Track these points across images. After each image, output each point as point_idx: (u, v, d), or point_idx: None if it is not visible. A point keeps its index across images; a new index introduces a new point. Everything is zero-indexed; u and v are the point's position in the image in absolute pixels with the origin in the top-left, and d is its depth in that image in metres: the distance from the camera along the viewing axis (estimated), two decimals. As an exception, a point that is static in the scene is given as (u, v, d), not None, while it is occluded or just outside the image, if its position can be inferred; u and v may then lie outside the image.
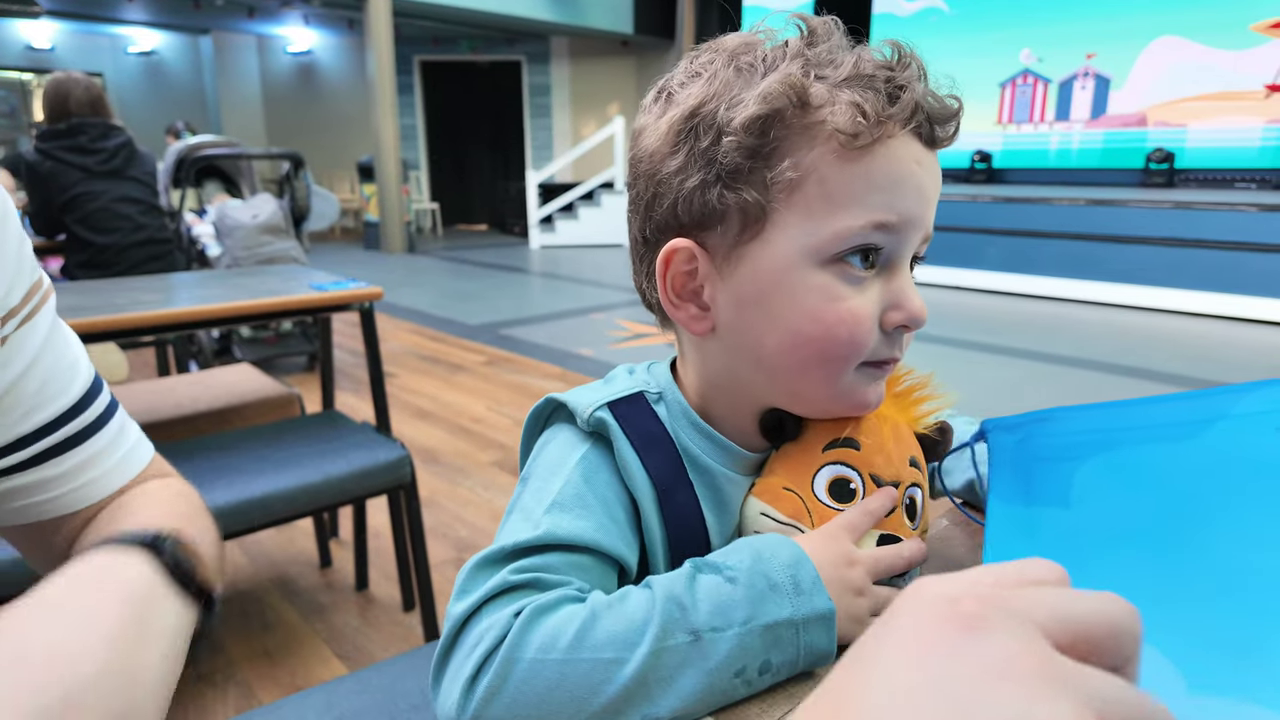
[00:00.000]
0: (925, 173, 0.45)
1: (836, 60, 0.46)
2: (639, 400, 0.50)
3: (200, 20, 9.90)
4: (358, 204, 9.86)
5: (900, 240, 0.45)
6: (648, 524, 0.47)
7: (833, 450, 0.49)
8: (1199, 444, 0.45)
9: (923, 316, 0.46)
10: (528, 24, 9.22)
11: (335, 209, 3.95)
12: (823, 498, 0.48)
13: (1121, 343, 4.36)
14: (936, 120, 0.46)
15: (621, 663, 0.38)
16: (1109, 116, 6.86)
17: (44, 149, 2.50)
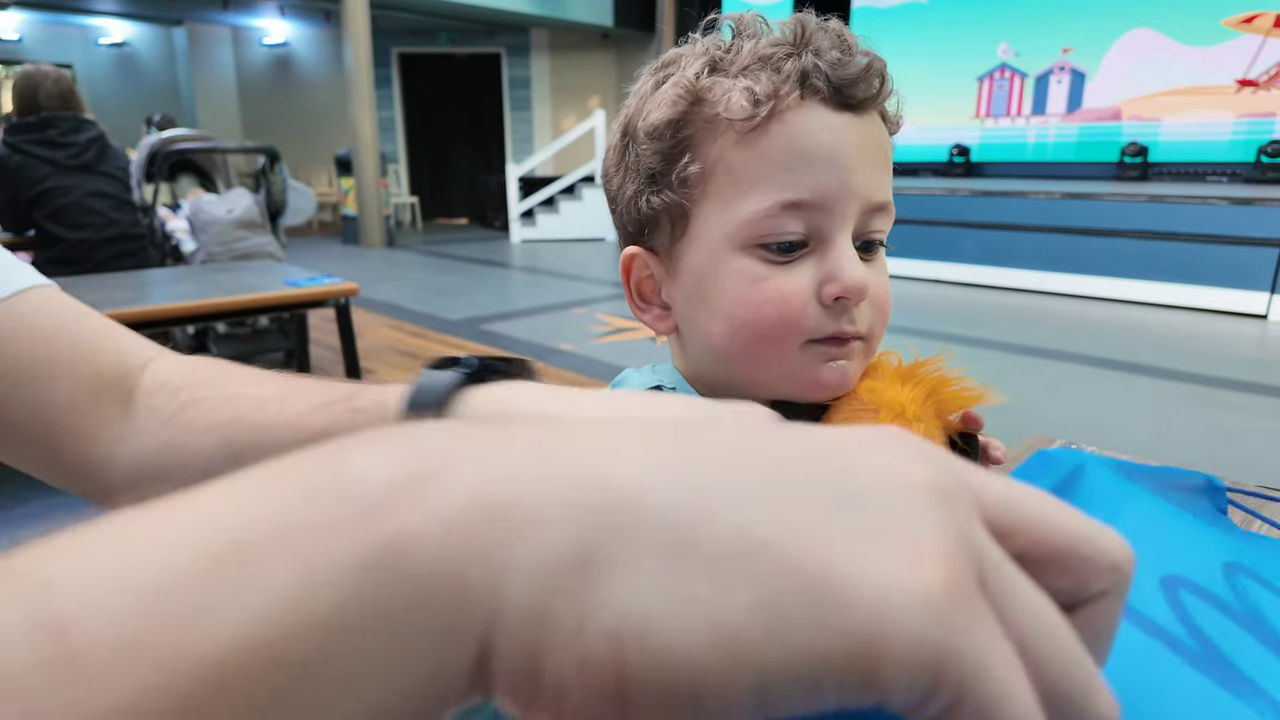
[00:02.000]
0: (841, 139, 0.44)
1: (735, 49, 0.46)
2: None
3: (173, 11, 9.74)
4: (335, 198, 9.76)
5: (825, 214, 0.44)
6: None
7: None
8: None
9: (859, 287, 0.44)
10: (507, 16, 9.15)
11: (312, 204, 3.91)
12: None
13: (1097, 335, 4.42)
14: (842, 82, 0.44)
15: None
16: (1084, 110, 6.93)
17: (12, 142, 2.45)
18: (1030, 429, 0.86)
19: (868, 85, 0.44)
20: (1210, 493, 0.46)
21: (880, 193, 0.46)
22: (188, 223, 3.35)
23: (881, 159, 0.46)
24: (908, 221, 6.37)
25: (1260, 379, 3.51)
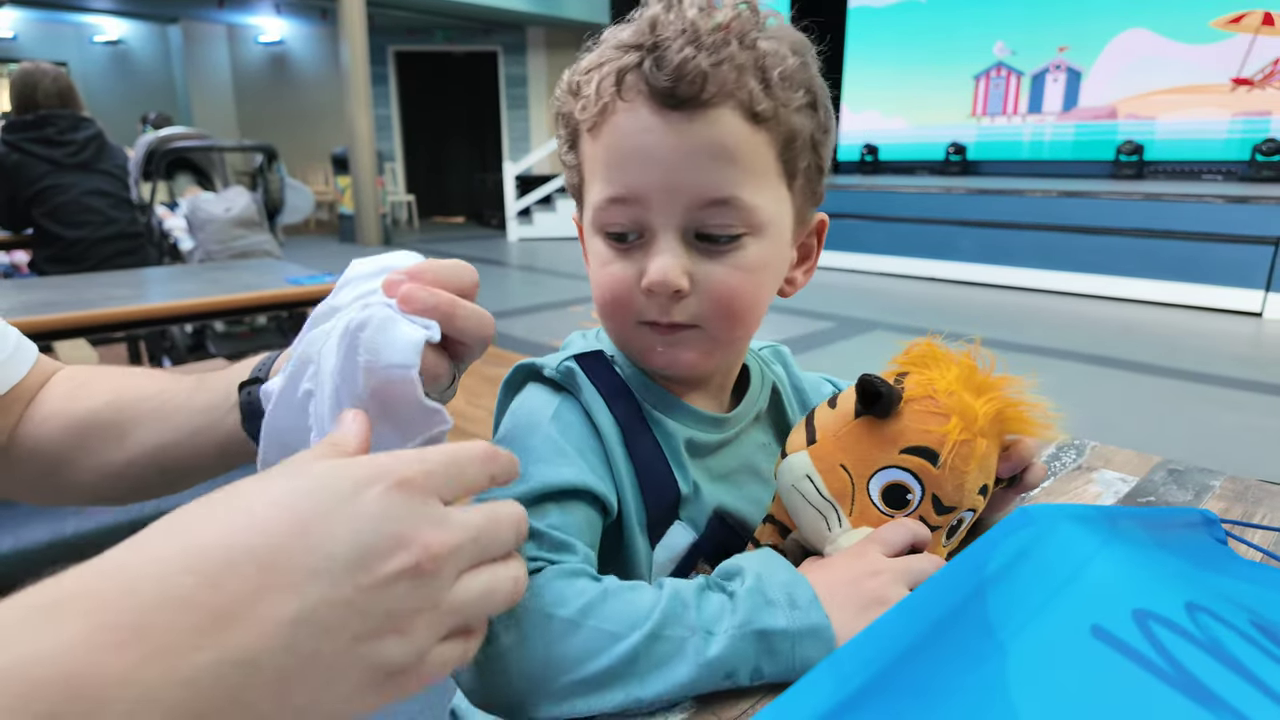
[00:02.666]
0: (659, 139, 0.45)
1: (597, 44, 0.50)
2: (601, 356, 0.54)
3: (169, 9, 9.72)
4: (332, 196, 9.75)
5: (643, 210, 0.47)
6: (616, 466, 0.50)
7: (910, 456, 0.45)
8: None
9: (660, 282, 0.46)
10: (503, 14, 9.15)
11: (310, 202, 3.91)
12: (874, 497, 0.46)
13: (1092, 332, 4.44)
14: (660, 84, 0.44)
15: (620, 638, 0.39)
16: (1080, 109, 6.96)
17: (10, 140, 2.45)
18: (1023, 422, 0.87)
19: (694, 85, 0.44)
20: (1208, 526, 0.50)
21: (712, 189, 0.46)
22: (185, 221, 3.35)
23: (714, 155, 0.45)
24: (904, 220, 6.38)
25: (1255, 376, 3.53)
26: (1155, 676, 0.28)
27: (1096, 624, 0.30)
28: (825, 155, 0.52)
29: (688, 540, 0.52)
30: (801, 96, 0.48)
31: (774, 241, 0.50)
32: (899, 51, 8.08)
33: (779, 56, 0.46)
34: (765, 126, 0.46)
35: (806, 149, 0.50)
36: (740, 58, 0.45)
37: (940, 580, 0.31)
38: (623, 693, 0.39)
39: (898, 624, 0.30)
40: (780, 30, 0.49)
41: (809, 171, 0.51)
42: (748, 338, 0.54)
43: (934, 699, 0.27)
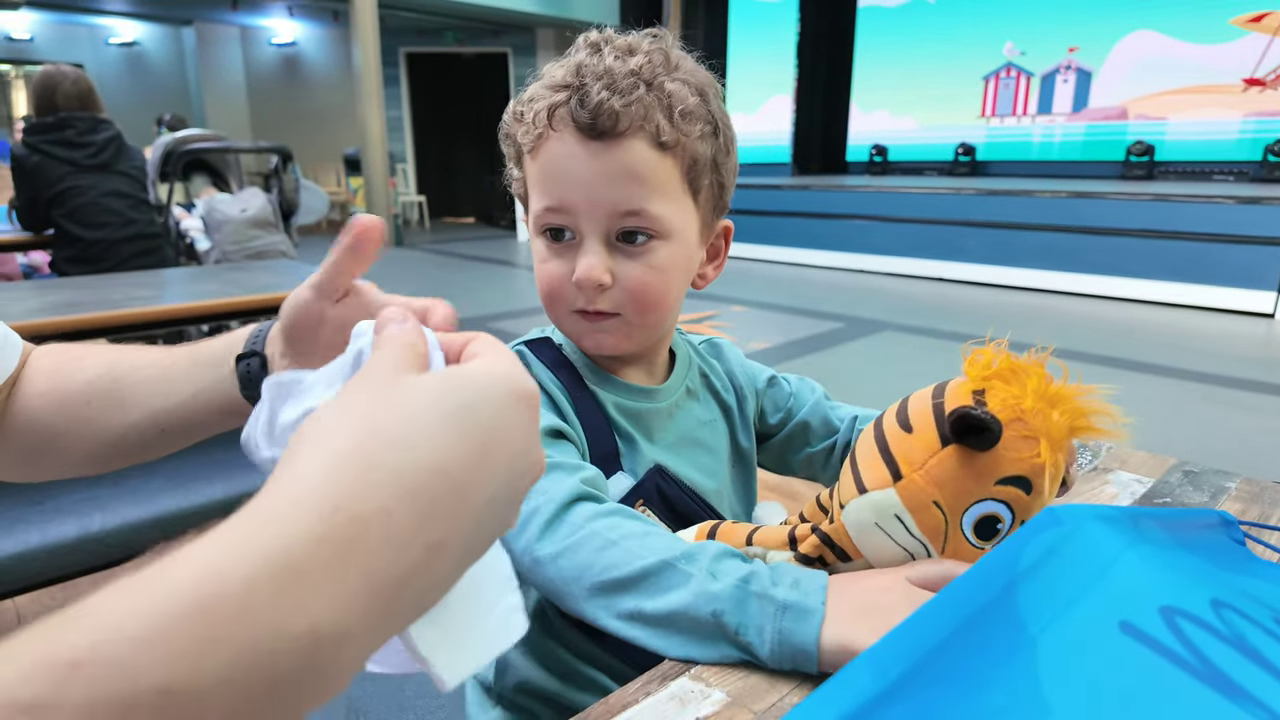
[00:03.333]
0: (582, 164, 0.56)
1: (538, 80, 0.60)
2: (547, 340, 0.67)
3: (182, 11, 9.79)
4: (344, 197, 9.80)
5: (571, 218, 0.58)
6: (569, 420, 0.61)
7: (1006, 486, 0.43)
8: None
9: (585, 278, 0.57)
10: (513, 15, 9.18)
11: (324, 203, 3.94)
12: (968, 532, 0.44)
13: (1102, 333, 4.43)
14: (584, 119, 0.55)
15: (640, 558, 0.48)
16: (1090, 110, 6.94)
17: (31, 142, 2.48)
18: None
19: (609, 121, 0.54)
20: (1226, 527, 0.51)
21: (625, 203, 0.57)
22: (202, 222, 3.39)
23: (628, 176, 0.56)
24: (913, 220, 6.38)
25: (1267, 377, 3.52)
26: (1183, 670, 0.29)
27: (1125, 620, 0.31)
28: (726, 173, 0.63)
29: (627, 485, 0.62)
30: (701, 128, 0.58)
31: (681, 245, 0.60)
32: (908, 52, 8.07)
33: (681, 96, 0.57)
34: (670, 153, 0.57)
35: (708, 170, 0.60)
36: (647, 99, 0.55)
37: (973, 576, 0.33)
38: (631, 601, 0.47)
39: (933, 618, 0.31)
40: (688, 73, 0.59)
41: (711, 188, 0.62)
42: (661, 323, 0.63)
43: (969, 690, 0.29)
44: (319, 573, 0.23)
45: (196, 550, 0.22)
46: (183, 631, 0.20)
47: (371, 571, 0.24)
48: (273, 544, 0.22)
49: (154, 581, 0.21)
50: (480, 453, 0.28)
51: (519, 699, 0.66)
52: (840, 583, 0.46)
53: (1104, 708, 0.28)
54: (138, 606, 0.20)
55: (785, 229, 7.08)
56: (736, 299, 5.37)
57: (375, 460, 0.25)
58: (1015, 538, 0.34)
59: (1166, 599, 0.32)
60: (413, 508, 0.25)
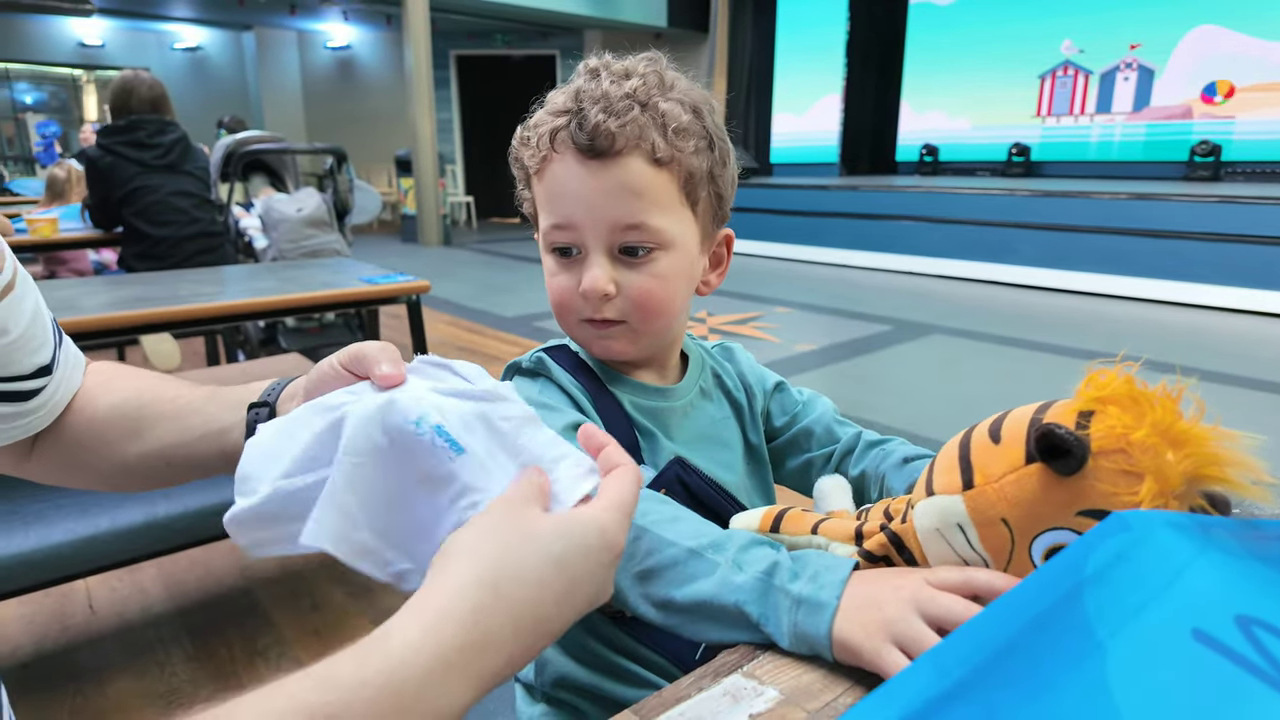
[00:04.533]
0: (583, 182, 0.59)
1: (542, 106, 0.64)
2: (565, 348, 0.70)
3: (244, 16, 10.10)
4: (395, 197, 9.99)
5: (576, 234, 0.61)
6: (591, 419, 0.64)
7: (1088, 519, 0.39)
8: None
9: (591, 289, 0.60)
10: (562, 18, 9.25)
11: (377, 203, 4.03)
12: (1035, 558, 0.41)
13: (1160, 339, 4.29)
14: (583, 141, 0.58)
15: (671, 545, 0.51)
16: (1152, 108, 6.72)
17: (105, 144, 2.60)
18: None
19: (606, 141, 0.58)
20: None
21: (626, 217, 0.59)
22: (260, 220, 3.49)
23: (627, 192, 0.59)
24: (963, 222, 6.25)
25: (1339, 388, 3.37)
26: (1260, 680, 0.28)
27: (1197, 627, 0.30)
28: (724, 185, 0.65)
29: (648, 477, 0.65)
30: (695, 143, 0.61)
31: (681, 254, 0.63)
32: (961, 50, 7.91)
33: (674, 115, 0.59)
34: (666, 168, 0.60)
35: (704, 182, 0.63)
36: (641, 119, 0.58)
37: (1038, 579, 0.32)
38: (661, 588, 0.50)
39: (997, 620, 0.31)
40: (682, 92, 0.62)
41: (709, 199, 0.65)
42: (667, 328, 0.66)
43: (1034, 694, 0.28)
44: (461, 669, 0.34)
45: (392, 641, 0.33)
46: (387, 703, 0.31)
47: (486, 670, 0.35)
48: (437, 647, 0.33)
49: (367, 660, 0.32)
50: (567, 592, 0.39)
51: (559, 694, 0.69)
52: (863, 578, 0.46)
53: (1177, 715, 0.27)
54: (364, 679, 0.31)
55: (832, 230, 7.00)
56: (781, 300, 5.33)
57: (502, 590, 0.36)
58: (1081, 542, 0.33)
59: (1242, 608, 0.31)
60: (517, 628, 0.36)
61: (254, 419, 0.56)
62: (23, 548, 1.22)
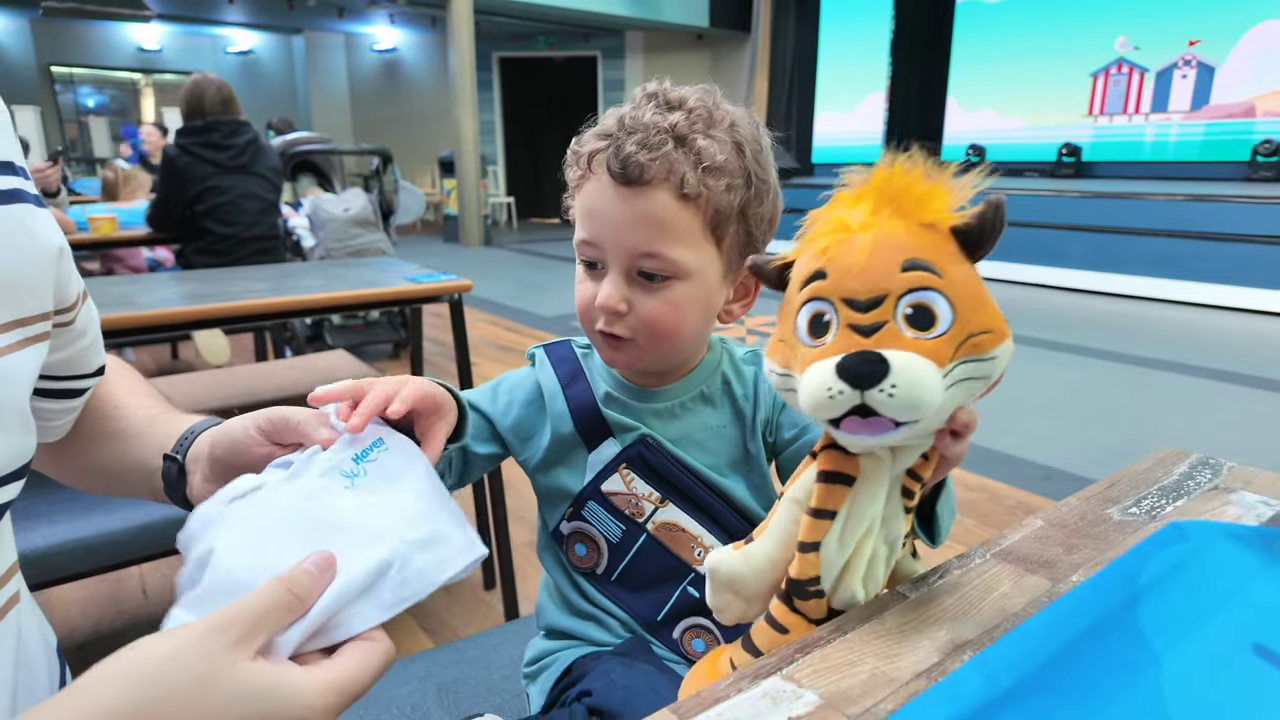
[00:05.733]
0: (611, 206, 0.63)
1: (590, 127, 0.67)
2: (565, 343, 0.77)
3: (293, 20, 10.34)
4: (438, 198, 10.13)
5: (600, 251, 0.65)
6: (555, 408, 0.73)
7: (807, 286, 0.46)
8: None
9: (603, 305, 0.64)
10: (603, 19, 9.29)
11: (421, 204, 4.10)
12: (804, 337, 0.46)
13: (1217, 345, 4.14)
14: (617, 168, 0.61)
15: None
16: (1212, 107, 6.49)
17: (182, 144, 2.70)
18: (1147, 443, 0.85)
19: (639, 171, 0.61)
20: None
21: (644, 245, 0.62)
22: (308, 220, 3.58)
23: (648, 222, 0.62)
24: (1011, 224, 6.08)
25: None
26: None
27: (1259, 643, 0.29)
28: (756, 222, 0.67)
29: (613, 450, 0.72)
30: (728, 181, 0.63)
31: (699, 285, 0.65)
32: (1009, 48, 7.75)
33: (710, 153, 0.61)
34: (693, 203, 0.62)
35: (733, 219, 0.65)
36: (674, 155, 0.61)
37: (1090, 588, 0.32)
38: None
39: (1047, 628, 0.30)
40: (727, 129, 0.64)
41: (737, 234, 0.66)
42: (675, 352, 0.69)
43: (1087, 703, 0.28)
44: None
45: None
46: None
47: None
48: None
49: None
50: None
51: (552, 637, 0.78)
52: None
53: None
54: None
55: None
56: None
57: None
58: (1135, 551, 0.32)
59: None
60: None
61: (166, 470, 0.58)
62: (83, 534, 1.26)
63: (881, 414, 0.40)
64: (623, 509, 0.72)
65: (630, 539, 0.73)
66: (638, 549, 0.73)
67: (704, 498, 0.72)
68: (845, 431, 0.42)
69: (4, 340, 0.43)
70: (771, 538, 0.50)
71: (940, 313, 0.43)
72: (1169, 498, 0.65)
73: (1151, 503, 0.64)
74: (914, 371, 0.39)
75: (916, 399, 0.39)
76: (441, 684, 0.88)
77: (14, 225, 0.44)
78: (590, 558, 0.75)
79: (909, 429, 0.40)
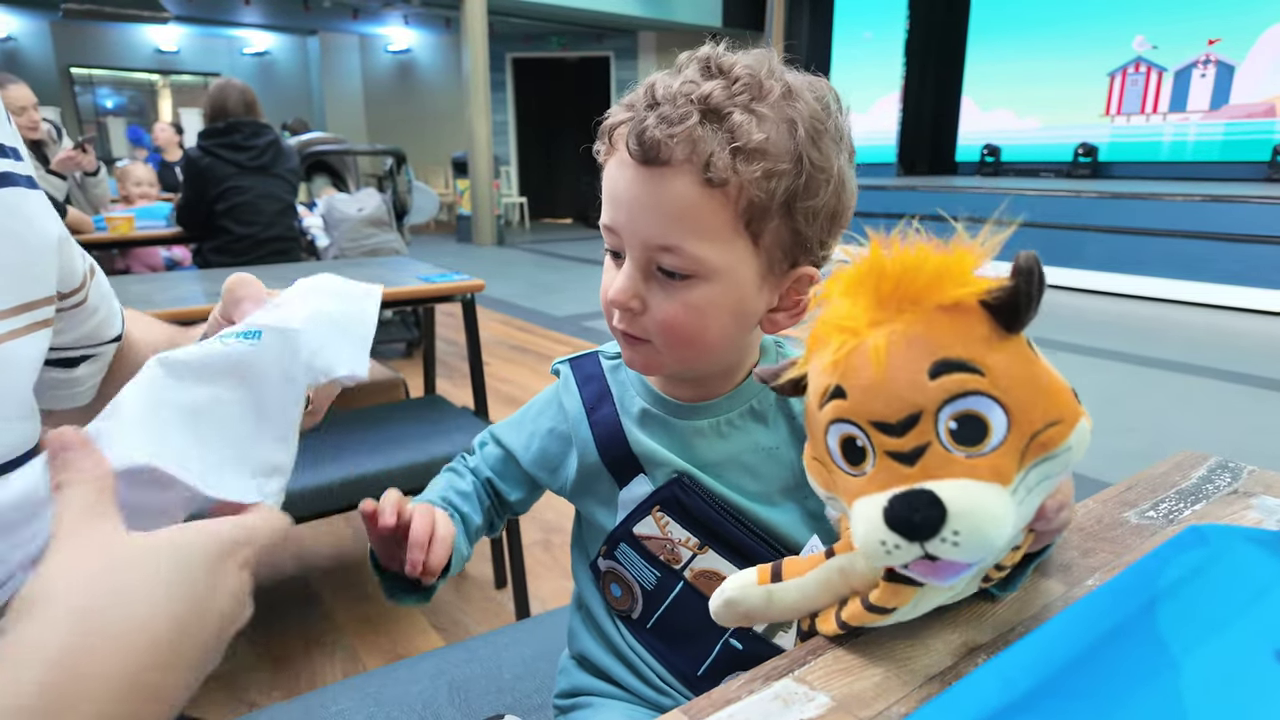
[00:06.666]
0: (628, 187, 0.54)
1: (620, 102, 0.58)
2: (592, 355, 0.70)
3: (309, 21, 10.41)
4: (452, 198, 10.17)
5: (620, 239, 0.56)
6: (580, 434, 0.67)
7: (828, 405, 0.40)
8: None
9: (614, 299, 0.56)
10: (616, 19, 9.30)
11: (435, 204, 4.12)
12: (840, 463, 0.41)
13: (1236, 348, 4.09)
14: (637, 146, 0.53)
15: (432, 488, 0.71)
16: (1231, 106, 6.42)
17: (204, 146, 2.75)
18: (1165, 446, 0.83)
19: (655, 149, 0.51)
20: None
21: (659, 236, 0.53)
22: (322, 220, 3.60)
23: (665, 210, 0.53)
24: (1027, 225, 6.03)
25: None
26: None
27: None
28: (807, 217, 0.55)
29: (645, 490, 0.64)
30: (768, 166, 0.52)
31: (728, 288, 0.55)
32: (1025, 47, 7.69)
33: (747, 130, 0.51)
34: (720, 191, 0.52)
35: (775, 213, 0.54)
36: (700, 131, 0.51)
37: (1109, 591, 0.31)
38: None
39: (1065, 632, 0.30)
40: (777, 103, 0.53)
41: (779, 232, 0.55)
42: (700, 359, 0.59)
43: (1105, 708, 0.27)
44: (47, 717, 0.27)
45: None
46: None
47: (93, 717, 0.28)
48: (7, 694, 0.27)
49: None
50: (195, 613, 0.32)
51: (586, 668, 0.73)
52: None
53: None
54: None
55: (887, 231, 6.87)
56: (835, 303, 5.25)
57: (94, 624, 0.29)
58: (1154, 555, 0.32)
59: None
60: (127, 664, 0.29)
61: None
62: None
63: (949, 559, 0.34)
64: (657, 554, 0.65)
65: (666, 587, 0.65)
66: (674, 598, 0.65)
67: (747, 543, 0.62)
68: (915, 574, 0.36)
69: (3, 327, 0.43)
70: (803, 594, 0.47)
71: (992, 420, 0.36)
72: (1187, 501, 0.64)
73: (1169, 506, 0.63)
74: (976, 508, 0.33)
75: (985, 540, 0.33)
76: (453, 682, 0.88)
77: (5, 211, 0.44)
78: (625, 601, 0.68)
79: (989, 560, 0.35)
